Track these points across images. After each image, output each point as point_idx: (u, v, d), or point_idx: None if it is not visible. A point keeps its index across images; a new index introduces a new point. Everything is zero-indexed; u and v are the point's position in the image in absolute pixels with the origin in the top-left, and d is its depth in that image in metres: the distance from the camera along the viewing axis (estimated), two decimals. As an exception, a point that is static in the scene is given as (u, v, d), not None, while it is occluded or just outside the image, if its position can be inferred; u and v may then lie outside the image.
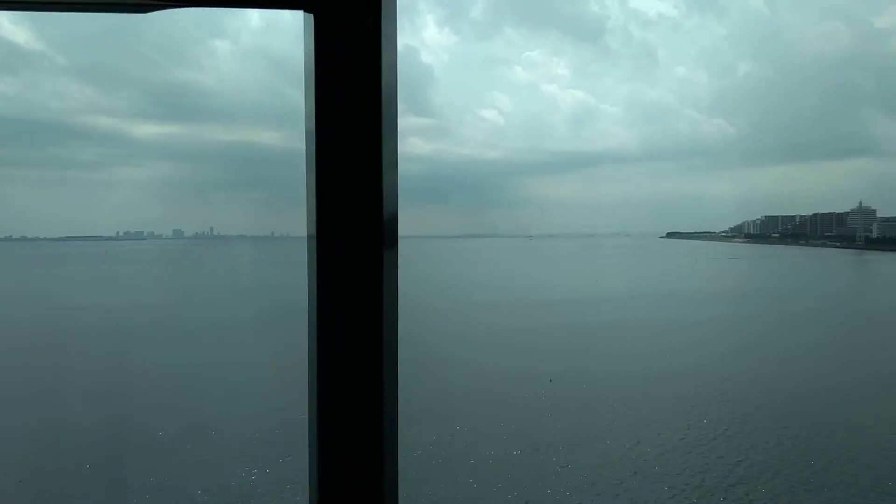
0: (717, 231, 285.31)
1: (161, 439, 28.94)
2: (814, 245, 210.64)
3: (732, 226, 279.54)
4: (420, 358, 38.76)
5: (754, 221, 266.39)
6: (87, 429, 30.88)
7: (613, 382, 37.95)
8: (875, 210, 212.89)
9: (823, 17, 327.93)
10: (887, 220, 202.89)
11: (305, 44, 1.55)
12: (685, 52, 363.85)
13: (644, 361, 42.26)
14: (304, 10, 1.53)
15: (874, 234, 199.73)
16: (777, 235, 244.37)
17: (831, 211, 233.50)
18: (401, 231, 1.64)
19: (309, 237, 1.58)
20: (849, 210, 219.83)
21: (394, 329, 1.63)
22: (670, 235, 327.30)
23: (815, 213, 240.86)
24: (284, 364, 34.07)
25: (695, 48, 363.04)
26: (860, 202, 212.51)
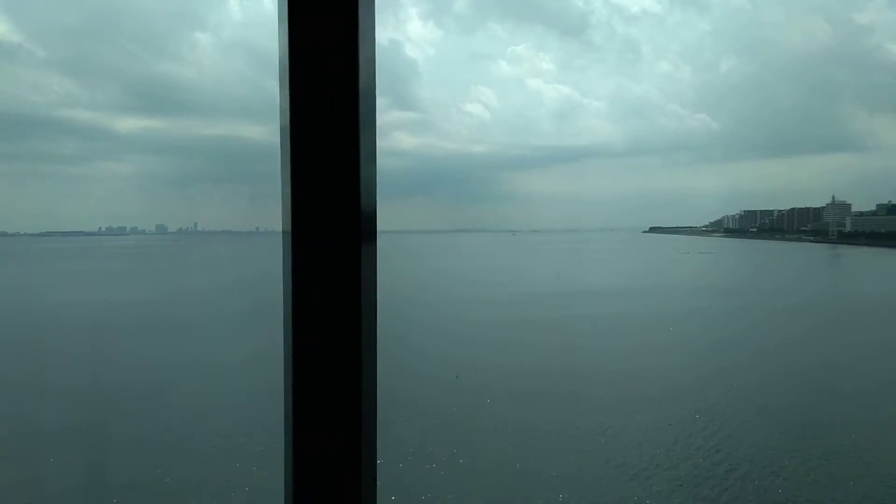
0: (698, 226, 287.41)
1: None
2: (789, 239, 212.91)
3: (713, 220, 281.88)
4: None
5: (733, 216, 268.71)
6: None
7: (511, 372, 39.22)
8: (850, 205, 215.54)
9: (805, 13, 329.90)
10: (860, 214, 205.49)
11: (280, 35, 1.54)
12: (668, 47, 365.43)
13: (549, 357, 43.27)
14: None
15: (847, 229, 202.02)
16: (755, 230, 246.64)
17: (811, 206, 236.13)
18: (385, 226, 1.83)
19: (284, 233, 1.56)
20: (824, 205, 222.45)
21: (373, 324, 1.62)
22: (653, 230, 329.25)
23: (793, 208, 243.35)
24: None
25: (678, 43, 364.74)
26: (832, 197, 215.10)
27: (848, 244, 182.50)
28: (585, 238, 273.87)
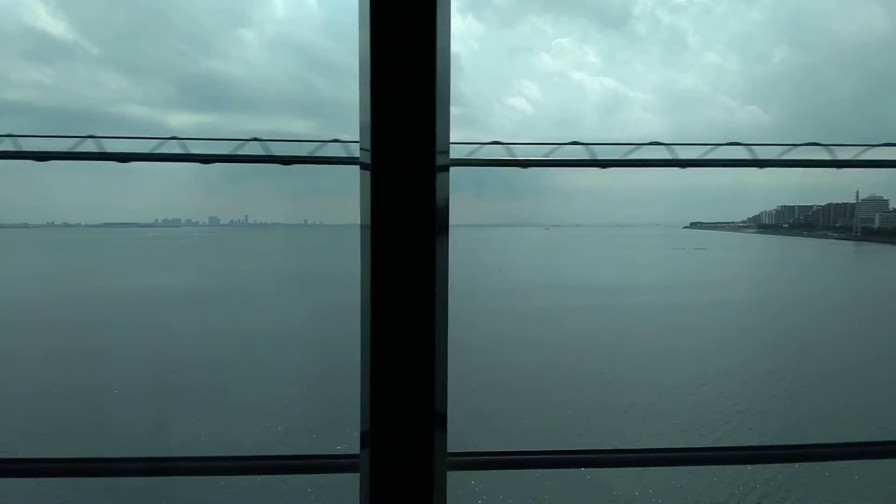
0: (737, 221, 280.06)
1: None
2: (815, 236, 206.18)
3: (751, 216, 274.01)
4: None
5: (770, 212, 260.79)
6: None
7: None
8: (888, 200, 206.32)
9: (860, 0, 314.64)
10: (892, 211, 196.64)
11: (360, 33, 1.58)
12: (716, 37, 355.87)
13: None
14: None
15: (876, 225, 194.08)
16: (787, 226, 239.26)
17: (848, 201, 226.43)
18: None
19: (363, 227, 1.61)
20: (859, 200, 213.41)
21: (444, 315, 1.65)
22: (693, 226, 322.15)
23: (829, 204, 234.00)
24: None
25: (726, 33, 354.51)
26: (857, 192, 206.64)
27: (870, 241, 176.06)
28: (618, 234, 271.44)
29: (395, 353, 1.56)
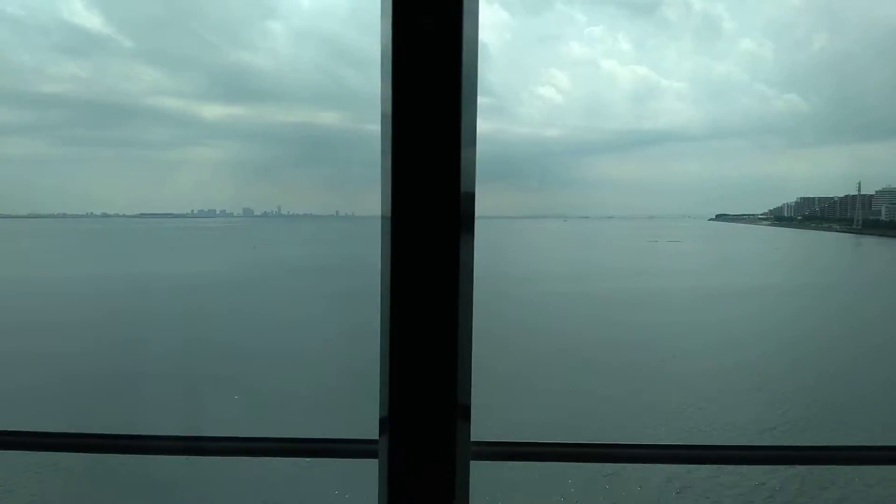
0: (757, 213, 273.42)
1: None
2: (821, 228, 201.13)
3: (772, 208, 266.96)
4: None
5: (790, 204, 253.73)
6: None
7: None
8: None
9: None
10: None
11: (382, 25, 1.54)
12: (752, 23, 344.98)
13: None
14: None
15: (882, 217, 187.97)
16: (800, 218, 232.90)
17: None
18: None
19: (383, 218, 1.57)
20: (874, 192, 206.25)
21: (469, 309, 1.58)
22: (719, 218, 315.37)
23: (846, 195, 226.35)
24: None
25: (761, 19, 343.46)
26: (859, 184, 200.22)
27: (870, 234, 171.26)
28: (638, 225, 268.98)
29: (414, 343, 1.52)
